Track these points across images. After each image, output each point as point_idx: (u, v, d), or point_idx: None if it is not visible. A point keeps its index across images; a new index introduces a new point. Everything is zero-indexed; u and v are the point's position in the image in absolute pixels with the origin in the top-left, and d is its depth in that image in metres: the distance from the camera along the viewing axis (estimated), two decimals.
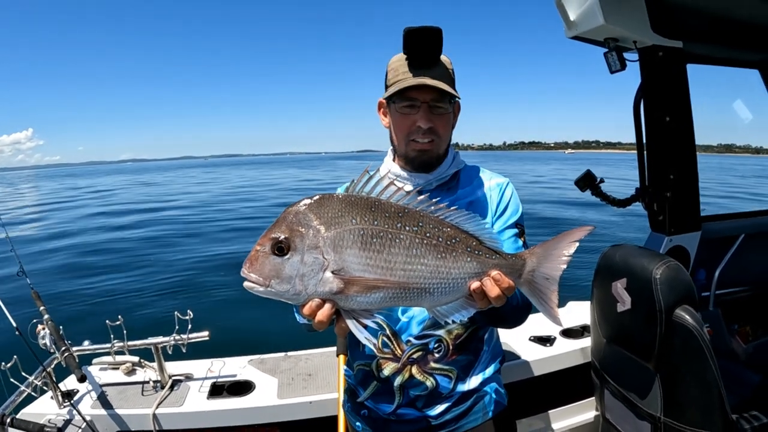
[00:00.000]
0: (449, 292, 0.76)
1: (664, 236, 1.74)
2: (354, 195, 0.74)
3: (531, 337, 1.93)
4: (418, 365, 1.11)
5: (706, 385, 1.28)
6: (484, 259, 0.77)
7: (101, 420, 1.60)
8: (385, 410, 1.16)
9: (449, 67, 1.07)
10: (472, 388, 1.15)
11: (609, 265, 1.49)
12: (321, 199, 0.73)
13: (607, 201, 1.71)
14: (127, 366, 1.83)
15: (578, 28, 1.54)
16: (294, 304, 0.74)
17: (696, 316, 1.28)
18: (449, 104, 1.06)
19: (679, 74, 1.66)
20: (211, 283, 5.91)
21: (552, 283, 0.79)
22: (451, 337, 1.11)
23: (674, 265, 1.33)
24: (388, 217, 0.72)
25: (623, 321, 1.45)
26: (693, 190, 1.75)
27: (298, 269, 0.69)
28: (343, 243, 0.70)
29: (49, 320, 1.69)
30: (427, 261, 0.73)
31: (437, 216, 0.76)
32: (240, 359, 1.92)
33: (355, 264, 0.70)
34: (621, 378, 1.54)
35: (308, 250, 0.70)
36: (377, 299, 0.72)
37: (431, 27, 1.00)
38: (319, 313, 0.71)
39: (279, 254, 0.70)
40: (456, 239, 0.76)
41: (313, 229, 0.70)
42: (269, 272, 0.70)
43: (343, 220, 0.71)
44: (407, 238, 0.72)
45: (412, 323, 1.11)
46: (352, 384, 1.25)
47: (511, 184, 1.17)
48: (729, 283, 2.04)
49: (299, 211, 0.72)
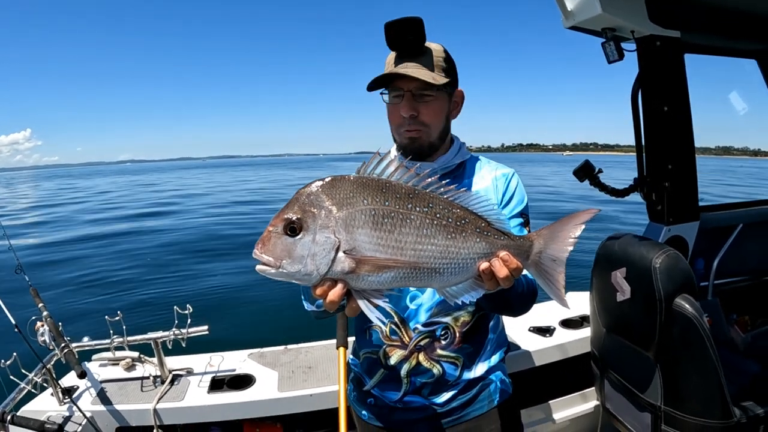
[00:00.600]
0: (459, 272, 0.77)
1: (663, 226, 1.74)
2: (365, 176, 0.74)
3: (531, 327, 1.93)
4: (425, 352, 1.12)
5: (707, 374, 1.29)
6: (492, 240, 0.78)
7: (102, 416, 1.60)
8: (392, 398, 1.16)
9: (439, 54, 1.07)
10: (478, 376, 1.15)
11: (608, 255, 1.49)
12: (333, 180, 0.73)
13: (606, 191, 1.71)
14: (126, 361, 1.83)
15: (576, 17, 1.54)
16: (305, 285, 0.74)
17: (696, 305, 1.29)
18: (440, 92, 1.06)
19: (677, 64, 1.66)
20: (210, 278, 5.90)
21: (559, 264, 0.80)
22: (457, 325, 1.12)
23: (673, 254, 1.33)
24: (399, 198, 0.73)
25: (623, 310, 1.45)
26: (691, 180, 1.76)
27: (310, 249, 0.70)
28: (354, 223, 0.71)
29: (48, 317, 1.69)
30: (437, 241, 0.74)
31: (447, 197, 0.77)
32: (240, 353, 1.92)
33: (367, 244, 0.71)
34: (621, 368, 1.54)
35: (320, 230, 0.70)
36: (388, 279, 0.73)
37: (408, 17, 1.02)
38: (331, 293, 0.71)
39: (291, 234, 0.70)
40: (465, 220, 0.76)
41: (325, 210, 0.70)
42: (281, 253, 0.70)
43: (354, 200, 0.71)
44: (417, 218, 0.73)
45: (420, 311, 1.11)
46: (358, 372, 1.26)
47: (517, 175, 1.17)
48: (727, 272, 2.04)
49: (311, 192, 0.72)
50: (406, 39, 1.03)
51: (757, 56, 2.06)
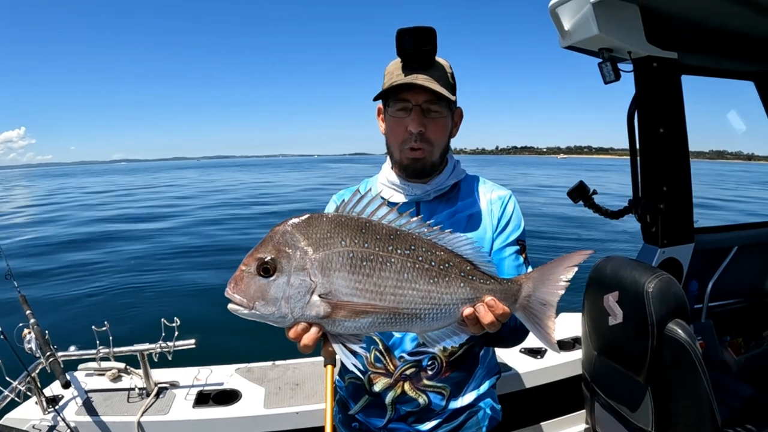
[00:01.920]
0: (441, 318, 0.74)
1: (657, 248, 1.73)
2: (344, 215, 0.72)
3: (522, 349, 1.91)
4: (410, 382, 1.10)
5: (698, 399, 1.27)
6: (477, 285, 0.75)
7: (86, 427, 1.58)
8: (377, 424, 1.14)
9: (448, 70, 1.03)
10: (466, 405, 1.13)
11: (600, 278, 1.47)
12: (309, 218, 0.71)
13: (600, 212, 1.70)
14: (112, 372, 1.80)
15: (572, 38, 1.53)
16: (280, 326, 0.71)
17: (688, 330, 1.27)
18: (445, 109, 1.02)
19: (674, 85, 1.66)
20: (198, 291, 5.86)
21: (549, 308, 0.77)
22: (445, 355, 1.09)
23: (666, 279, 1.32)
24: (379, 240, 0.70)
25: (614, 334, 1.43)
26: (686, 202, 1.74)
27: (284, 291, 0.67)
28: (331, 266, 0.68)
29: (35, 325, 1.67)
30: (418, 286, 0.71)
31: (430, 238, 0.74)
32: (227, 367, 1.90)
33: (344, 288, 0.68)
34: (612, 391, 1.53)
35: (295, 272, 0.67)
36: (366, 324, 0.70)
37: (424, 27, 0.97)
38: (305, 337, 0.69)
39: (264, 275, 0.67)
40: (449, 263, 0.73)
41: (300, 251, 0.68)
42: (254, 294, 0.67)
43: (331, 241, 0.69)
44: (398, 261, 0.70)
45: (406, 339, 1.09)
46: (343, 396, 1.24)
47: (514, 197, 1.14)
48: (721, 295, 2.03)
49: (286, 231, 0.69)
50: (422, 49, 0.98)
51: (755, 78, 2.06)
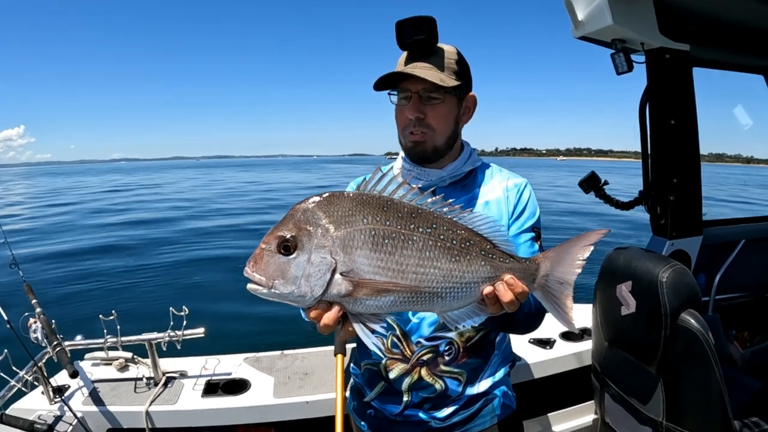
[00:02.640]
0: (461, 297, 0.74)
1: (666, 240, 1.73)
2: (366, 193, 0.71)
3: (531, 339, 1.91)
4: (427, 367, 1.09)
5: (710, 390, 1.27)
6: (497, 263, 0.75)
7: (93, 417, 1.57)
8: (392, 411, 1.14)
9: (451, 56, 1.04)
10: (482, 392, 1.13)
11: (613, 268, 1.47)
12: (331, 196, 0.70)
13: (611, 203, 1.70)
14: (120, 362, 1.79)
15: (586, 28, 1.52)
16: (298, 306, 0.71)
17: (701, 321, 1.27)
18: (448, 95, 1.03)
19: (685, 77, 1.66)
20: (207, 279, 5.85)
21: (566, 287, 0.77)
22: (462, 340, 1.09)
23: (680, 269, 1.32)
24: (401, 218, 0.69)
25: (627, 324, 1.43)
26: (696, 194, 1.75)
27: (305, 269, 0.66)
28: (353, 243, 0.67)
29: (42, 314, 1.65)
30: (440, 264, 0.70)
31: (451, 217, 0.73)
32: (235, 357, 1.89)
33: (365, 266, 0.67)
34: (622, 382, 1.52)
35: (316, 250, 0.66)
36: (387, 303, 0.69)
37: (419, 16, 0.99)
38: (326, 316, 0.68)
39: (285, 253, 0.66)
40: (470, 242, 0.73)
41: (321, 228, 0.67)
42: (273, 272, 0.66)
43: (353, 219, 0.68)
44: (420, 240, 0.70)
45: (423, 324, 1.08)
46: (358, 383, 1.23)
47: (530, 186, 1.14)
48: (728, 288, 2.03)
49: (308, 209, 0.68)
50: (417, 38, 0.99)
51: (765, 72, 2.06)
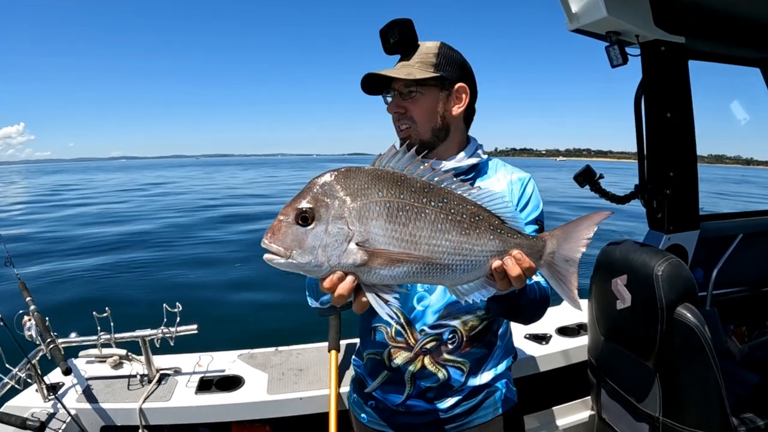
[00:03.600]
0: (471, 270, 0.76)
1: (663, 234, 1.72)
2: (380, 169, 0.73)
3: (527, 334, 1.90)
4: (431, 356, 1.09)
5: (707, 384, 1.26)
6: (506, 238, 0.77)
7: (86, 414, 1.56)
8: (394, 401, 1.13)
9: (429, 51, 1.07)
10: (484, 383, 1.13)
11: (609, 262, 1.46)
12: (347, 171, 0.72)
13: (606, 197, 1.69)
14: (113, 359, 1.79)
15: (580, 20, 1.52)
16: (314, 276, 0.72)
17: (697, 314, 1.26)
18: (429, 87, 1.05)
19: (681, 70, 1.65)
20: (200, 276, 5.85)
21: (572, 264, 0.79)
22: (465, 329, 1.09)
23: (676, 262, 1.31)
24: (414, 192, 0.72)
25: (623, 318, 1.43)
26: (692, 188, 1.74)
27: (322, 239, 0.68)
28: (368, 214, 0.69)
29: (36, 311, 1.65)
30: (451, 237, 0.73)
31: (461, 193, 0.76)
32: (229, 353, 1.88)
33: (381, 236, 0.70)
34: (619, 377, 1.52)
35: (333, 221, 0.68)
36: (400, 274, 0.71)
37: (395, 19, 1.04)
38: (340, 286, 0.69)
39: (303, 224, 0.68)
40: (479, 216, 0.76)
41: (338, 200, 0.69)
42: (291, 242, 0.68)
43: (369, 192, 0.70)
44: (432, 213, 0.72)
45: (427, 312, 1.08)
46: (360, 374, 1.23)
47: (533, 180, 1.15)
48: (726, 282, 2.02)
49: (325, 182, 0.71)
50: (393, 41, 1.05)
51: (761, 64, 2.04)
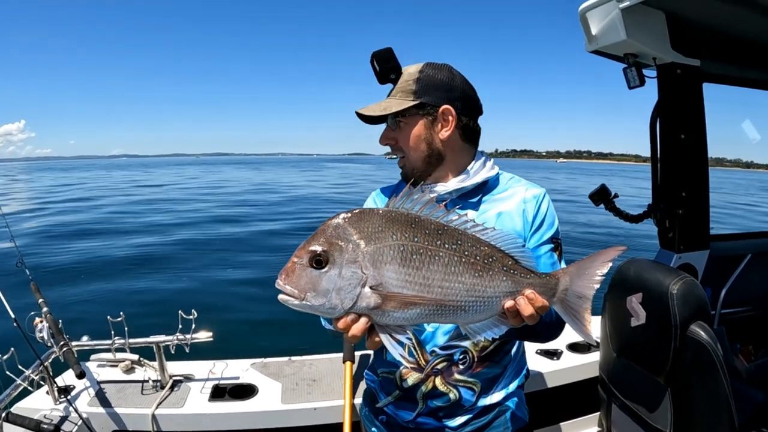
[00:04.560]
0: (483, 311, 0.77)
1: (674, 253, 1.74)
2: (394, 210, 0.74)
3: (538, 350, 1.91)
4: (441, 376, 1.09)
5: (718, 401, 1.28)
6: (518, 278, 0.78)
7: (98, 418, 1.56)
8: (405, 418, 1.14)
9: (409, 78, 1.06)
10: (495, 402, 1.13)
11: (624, 280, 1.48)
12: (361, 213, 0.73)
13: (620, 216, 1.71)
14: (126, 364, 1.79)
15: (599, 42, 1.54)
16: (328, 317, 0.74)
17: (710, 332, 1.28)
18: (412, 115, 1.06)
19: (696, 92, 1.67)
20: (218, 284, 5.84)
21: (585, 301, 0.80)
22: (476, 349, 1.09)
23: (690, 281, 1.33)
24: (428, 234, 0.72)
25: (636, 335, 1.44)
26: (704, 208, 1.76)
27: (336, 283, 0.69)
28: (382, 258, 0.70)
29: (48, 313, 1.65)
30: (464, 279, 0.73)
31: (475, 234, 0.76)
32: (243, 362, 1.89)
33: (394, 280, 0.70)
34: (630, 393, 1.53)
35: (347, 264, 0.69)
36: (413, 315, 0.72)
37: (377, 51, 1.06)
38: (354, 327, 0.70)
39: (317, 267, 0.69)
40: (493, 258, 0.76)
41: (352, 243, 0.70)
42: (305, 285, 0.69)
43: (383, 235, 0.71)
44: (446, 255, 0.73)
45: (438, 333, 1.08)
46: (373, 388, 1.23)
47: (548, 196, 1.13)
48: (734, 302, 2.04)
49: (339, 225, 0.72)
50: (378, 72, 1.07)
51: None
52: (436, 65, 1.09)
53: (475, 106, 1.12)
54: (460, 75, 1.09)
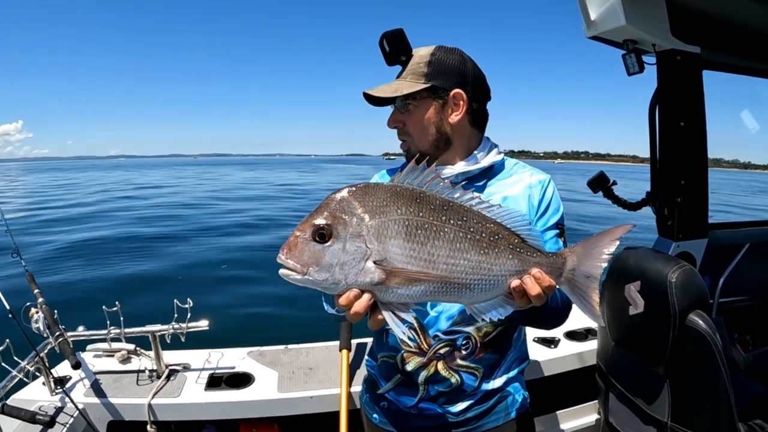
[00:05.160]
0: (489, 289, 0.75)
1: (672, 242, 1.73)
2: (399, 185, 0.72)
3: (535, 338, 1.91)
4: (444, 361, 1.09)
5: (716, 391, 1.27)
6: (525, 257, 0.76)
7: (94, 408, 1.56)
8: (407, 404, 1.13)
9: (420, 60, 1.04)
10: (497, 387, 1.12)
11: (622, 268, 1.47)
12: (366, 187, 0.71)
13: (619, 203, 1.70)
14: (122, 354, 1.78)
15: (598, 28, 1.53)
16: (331, 293, 0.71)
17: (709, 322, 1.27)
18: (423, 98, 1.03)
19: (695, 80, 1.66)
20: (213, 273, 5.85)
21: (592, 281, 0.78)
22: (479, 335, 1.08)
23: (689, 270, 1.32)
24: (433, 210, 0.71)
25: (635, 324, 1.44)
26: (702, 197, 1.75)
27: (339, 257, 0.67)
28: (387, 233, 0.68)
29: (44, 304, 1.64)
30: (469, 256, 0.71)
31: (481, 211, 0.74)
32: (239, 350, 1.88)
33: (399, 255, 0.69)
34: (628, 382, 1.53)
35: (351, 238, 0.67)
36: (417, 293, 0.70)
37: (388, 31, 1.03)
38: (356, 304, 0.68)
39: (320, 241, 0.67)
40: (499, 235, 0.74)
41: (357, 217, 0.68)
42: (308, 259, 0.67)
43: (388, 209, 0.69)
44: (451, 231, 0.71)
45: (441, 318, 1.08)
46: (373, 374, 1.23)
47: (553, 182, 1.12)
48: (731, 291, 2.04)
49: (343, 198, 0.70)
50: (389, 52, 1.04)
51: None
52: (448, 48, 1.07)
53: (485, 91, 1.11)
54: (470, 59, 1.08)
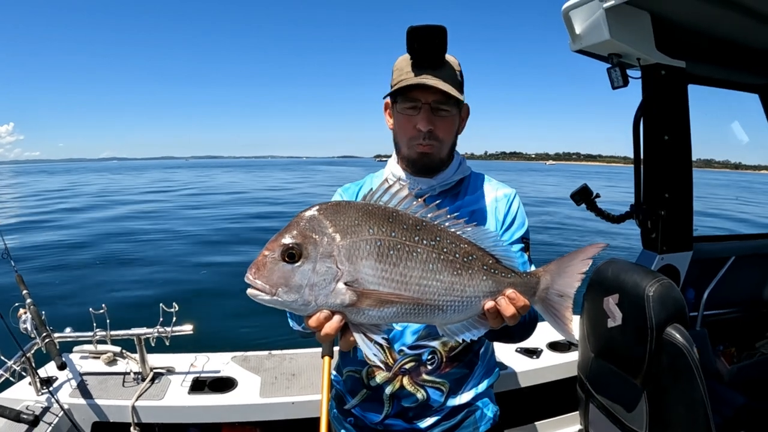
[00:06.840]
0: (462, 311, 0.74)
1: (656, 254, 1.74)
2: (371, 204, 0.71)
3: (518, 348, 1.92)
4: (409, 376, 1.08)
5: (693, 403, 1.28)
6: (499, 278, 0.75)
7: (79, 409, 1.57)
8: (373, 419, 1.13)
9: (456, 68, 1.02)
10: (464, 403, 1.12)
11: (601, 280, 1.48)
12: (337, 205, 0.70)
13: (602, 216, 1.71)
14: (108, 356, 1.80)
15: (583, 41, 1.54)
16: (301, 314, 0.70)
17: (686, 335, 1.28)
18: (454, 107, 1.02)
19: (681, 94, 1.67)
20: (197, 278, 5.86)
21: (566, 300, 0.78)
22: (445, 350, 1.08)
23: (667, 283, 1.33)
24: (406, 230, 0.69)
25: (613, 336, 1.44)
26: (687, 210, 1.76)
27: (309, 278, 0.66)
28: (358, 253, 0.67)
29: (32, 305, 1.66)
30: (442, 277, 0.70)
31: (454, 231, 0.74)
32: (223, 355, 1.90)
33: (370, 276, 0.67)
34: (607, 393, 1.54)
35: (321, 259, 0.66)
36: (389, 314, 0.69)
37: (434, 25, 0.96)
38: (327, 325, 0.67)
39: (289, 261, 0.66)
40: (473, 256, 0.73)
41: (327, 237, 0.67)
42: (277, 280, 0.66)
43: (359, 229, 0.68)
44: (424, 252, 0.70)
45: (406, 332, 1.08)
46: (340, 390, 1.22)
47: (518, 196, 1.13)
48: (716, 304, 2.05)
49: (313, 217, 0.68)
50: (431, 49, 0.97)
51: (760, 90, 2.07)
52: None
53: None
54: None
